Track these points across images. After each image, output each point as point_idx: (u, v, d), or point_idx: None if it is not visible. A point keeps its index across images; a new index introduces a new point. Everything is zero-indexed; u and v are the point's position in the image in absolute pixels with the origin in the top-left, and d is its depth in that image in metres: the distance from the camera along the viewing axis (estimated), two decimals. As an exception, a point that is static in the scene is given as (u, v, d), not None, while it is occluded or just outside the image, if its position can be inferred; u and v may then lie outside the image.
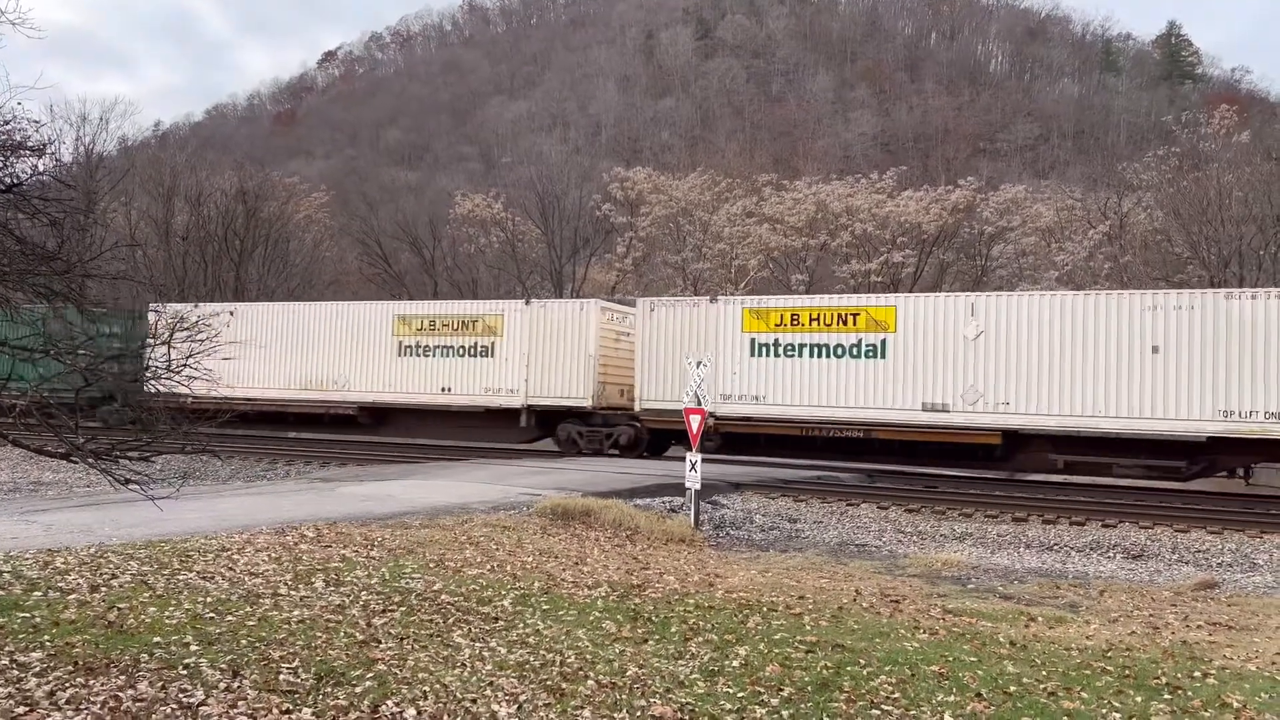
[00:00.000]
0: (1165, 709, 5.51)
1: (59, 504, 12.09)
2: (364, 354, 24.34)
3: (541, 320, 22.53)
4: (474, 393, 22.98)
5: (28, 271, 5.52)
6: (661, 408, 20.75)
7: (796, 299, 22.09)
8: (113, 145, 48.25)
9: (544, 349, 22.35)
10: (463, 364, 23.15)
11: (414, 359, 23.82)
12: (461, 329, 23.38)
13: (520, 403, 22.49)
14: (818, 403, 19.70)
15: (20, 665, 5.14)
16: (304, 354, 24.90)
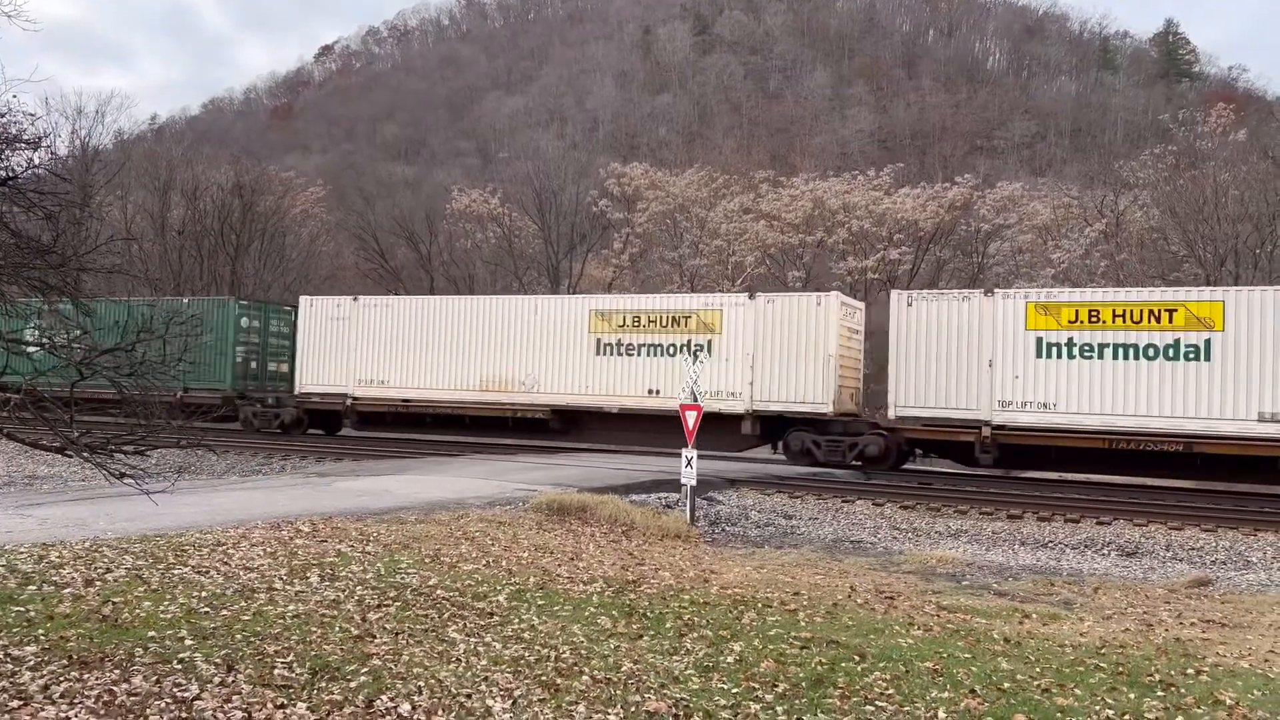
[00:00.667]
0: (1158, 706, 5.53)
1: (54, 498, 12.07)
2: (556, 352, 22.43)
3: (768, 316, 20.41)
4: None
5: (23, 265, 5.51)
6: (925, 415, 18.97)
7: (1093, 293, 20.23)
8: (108, 139, 48.20)
9: (772, 348, 20.28)
10: (674, 364, 20.75)
11: (615, 358, 21.84)
12: (672, 325, 21.35)
13: (744, 407, 20.34)
14: (1124, 411, 17.59)
15: (15, 659, 5.13)
16: (483, 351, 23.14)
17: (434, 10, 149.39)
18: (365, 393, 24.28)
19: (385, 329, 24.25)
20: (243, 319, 26.23)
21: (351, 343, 24.53)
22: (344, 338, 24.63)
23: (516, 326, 22.98)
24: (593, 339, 22.19)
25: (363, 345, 24.40)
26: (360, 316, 24.61)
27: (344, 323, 24.68)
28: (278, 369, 27.00)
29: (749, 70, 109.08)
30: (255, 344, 26.55)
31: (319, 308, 25.35)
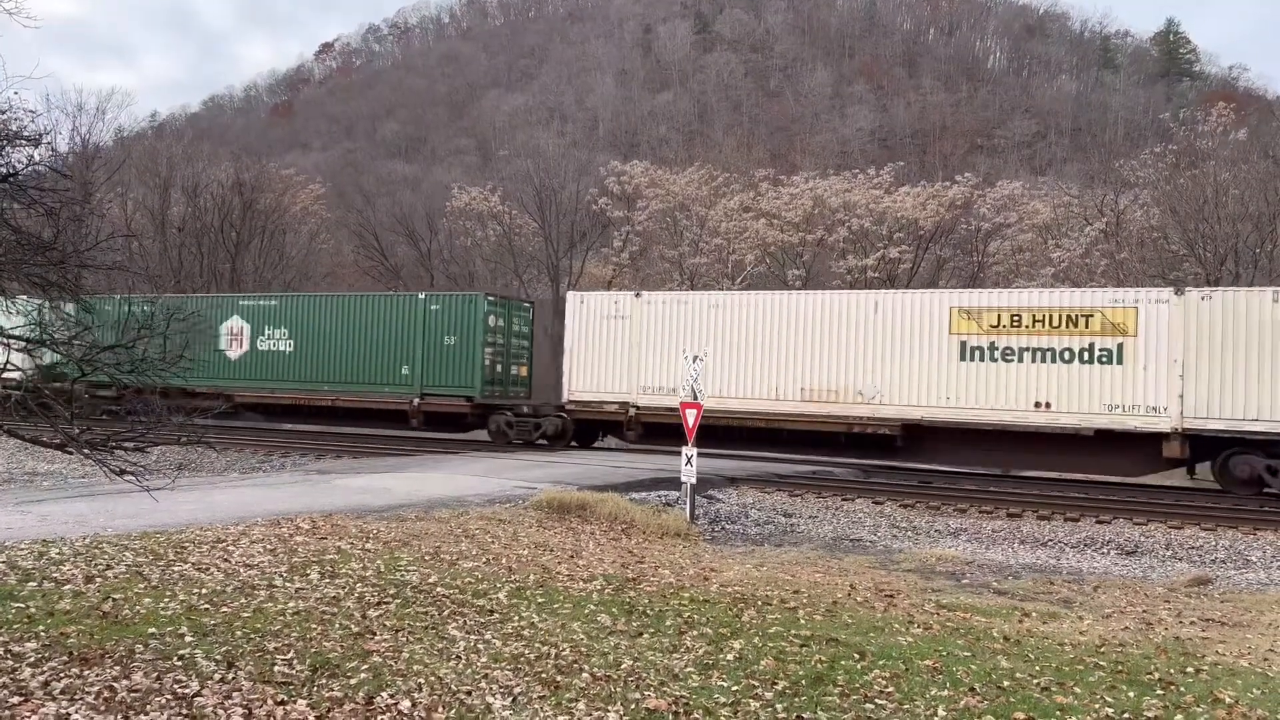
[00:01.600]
0: (1157, 704, 5.53)
1: (54, 495, 12.08)
2: (905, 357, 19.45)
3: (1205, 316, 17.29)
4: (1087, 410, 17.79)
5: (23, 262, 5.51)
6: None
7: None
8: (109, 136, 48.14)
9: (1212, 354, 17.16)
10: (1068, 372, 18.06)
11: (986, 364, 18.78)
12: (1067, 326, 18.22)
13: (1170, 425, 17.22)
14: None
15: (15, 655, 5.14)
16: (807, 355, 20.21)
17: (434, 8, 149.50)
18: (651, 401, 21.35)
19: (676, 328, 21.50)
20: (489, 317, 23.47)
21: (633, 344, 21.71)
22: (624, 338, 21.83)
23: (851, 326, 19.99)
24: (955, 341, 19.12)
25: (648, 347, 21.64)
26: (644, 314, 21.76)
27: (624, 321, 21.92)
28: (518, 373, 24.56)
29: (749, 68, 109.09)
30: (501, 345, 23.83)
31: (593, 305, 22.47)
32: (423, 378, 23.56)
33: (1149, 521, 14.39)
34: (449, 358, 23.28)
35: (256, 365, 25.65)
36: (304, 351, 25.10)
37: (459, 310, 23.45)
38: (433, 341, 23.43)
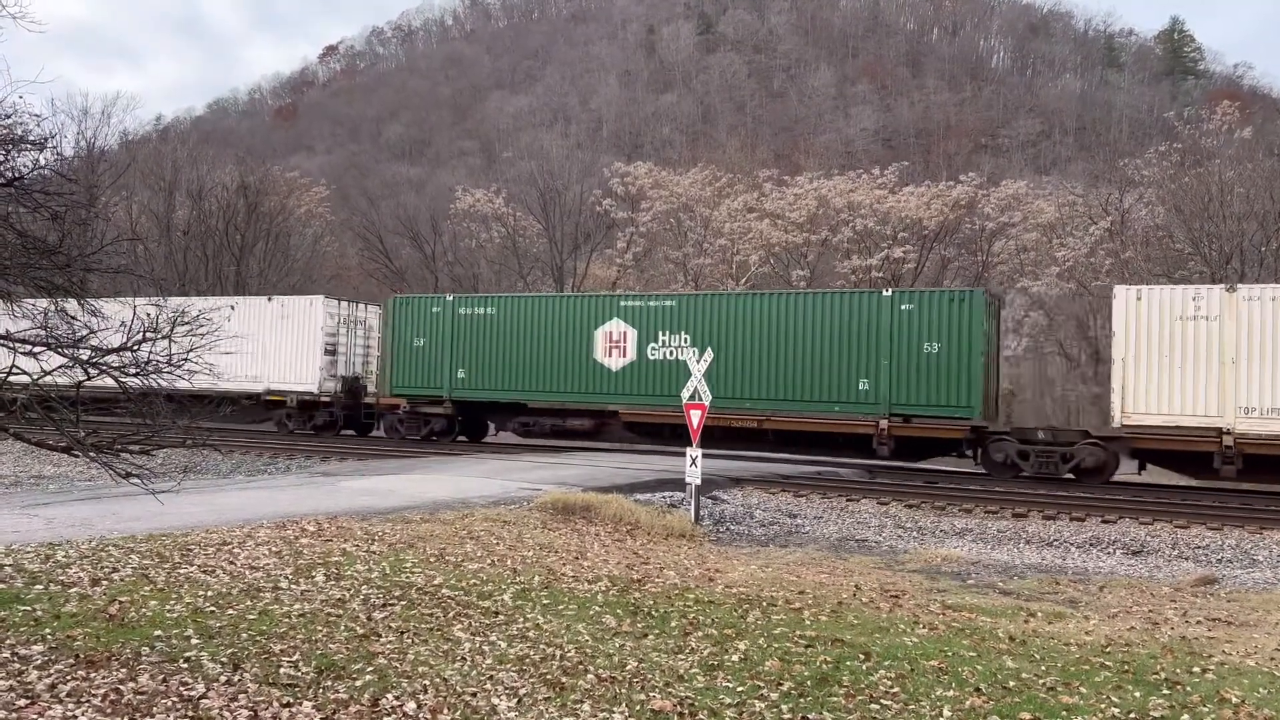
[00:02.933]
0: (1164, 704, 5.52)
1: (60, 498, 12.11)
2: None
3: None
4: None
5: (29, 266, 5.53)
6: None
7: None
8: (114, 139, 48.23)
9: None
10: None
11: None
12: None
13: None
14: None
15: (22, 658, 5.15)
16: None
17: (438, 10, 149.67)
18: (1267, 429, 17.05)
19: None
20: (982, 320, 19.13)
21: (1226, 351, 17.39)
22: (1206, 344, 17.49)
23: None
24: None
25: (1253, 355, 17.27)
26: (1246, 313, 17.40)
27: (1207, 323, 17.75)
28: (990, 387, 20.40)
29: (753, 69, 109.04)
30: (985, 352, 19.35)
31: (1155, 301, 18.01)
32: (891, 394, 19.50)
33: (1155, 521, 14.36)
34: (930, 369, 19.25)
35: (646, 378, 21.59)
36: (715, 361, 20.03)
37: (943, 310, 19.32)
38: (906, 349, 19.37)
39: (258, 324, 25.49)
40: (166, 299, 21.07)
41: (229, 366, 22.34)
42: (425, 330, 23.98)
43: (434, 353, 23.83)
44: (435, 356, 23.79)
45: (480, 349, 23.29)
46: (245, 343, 21.92)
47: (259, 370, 25.30)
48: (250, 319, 25.42)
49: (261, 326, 25.50)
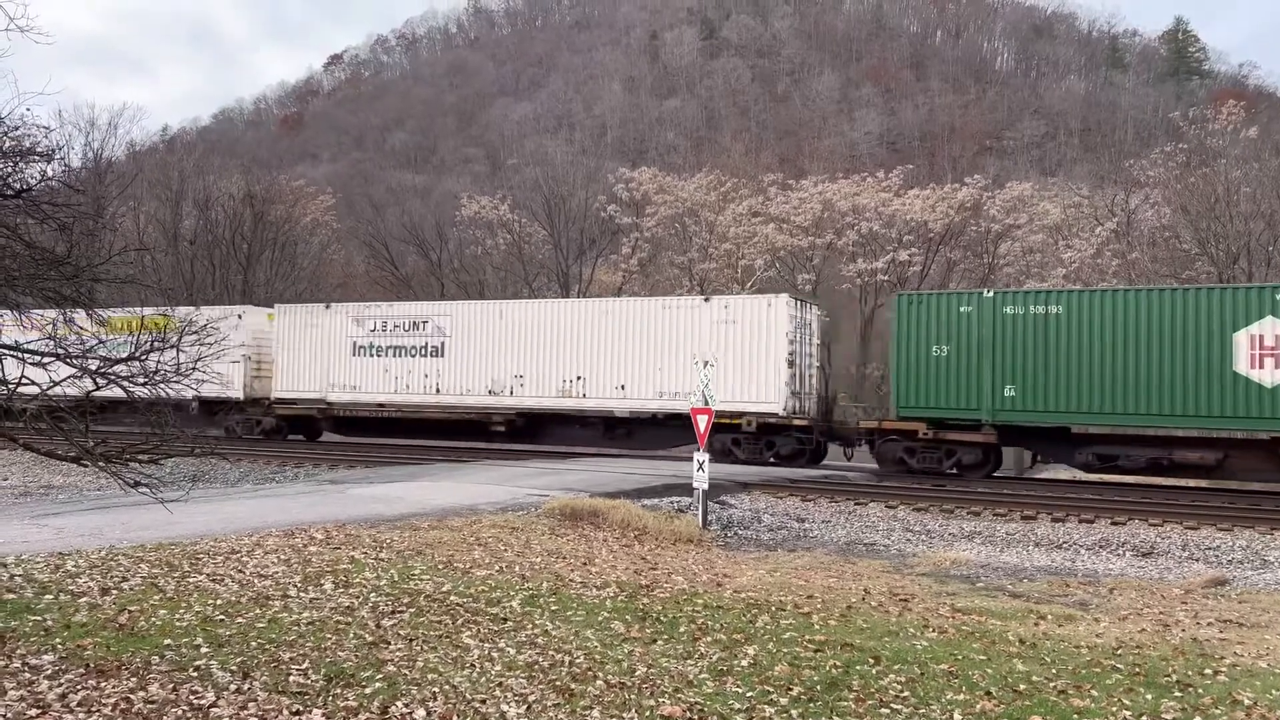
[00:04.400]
0: (1176, 706, 5.49)
1: (69, 507, 12.14)
2: None
3: None
4: None
5: (37, 276, 5.56)
6: None
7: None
8: (121, 150, 48.49)
9: None
10: None
11: None
12: None
13: None
14: None
15: (32, 668, 5.16)
16: None
17: (441, 18, 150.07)
18: None
19: None
20: None
21: None
22: None
23: None
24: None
25: None
26: None
27: None
28: None
29: (756, 74, 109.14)
30: None
31: None
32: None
33: (1165, 522, 14.30)
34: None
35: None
36: None
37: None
38: None
39: (688, 329, 21.73)
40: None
41: (658, 382, 21.74)
42: (949, 335, 19.33)
43: (963, 363, 19.18)
44: (965, 368, 19.16)
45: (1037, 358, 18.52)
46: (673, 353, 21.17)
47: (679, 385, 21.18)
48: (676, 324, 21.80)
49: (697, 333, 21.59)
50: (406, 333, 24.68)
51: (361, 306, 26.13)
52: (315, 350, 25.60)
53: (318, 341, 25.56)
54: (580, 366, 22.58)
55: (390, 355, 24.76)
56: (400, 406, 24.65)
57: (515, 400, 23.29)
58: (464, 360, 23.90)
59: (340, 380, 25.31)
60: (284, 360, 25.94)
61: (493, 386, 23.60)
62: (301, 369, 25.73)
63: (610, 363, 22.33)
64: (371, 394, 24.90)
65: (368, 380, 24.94)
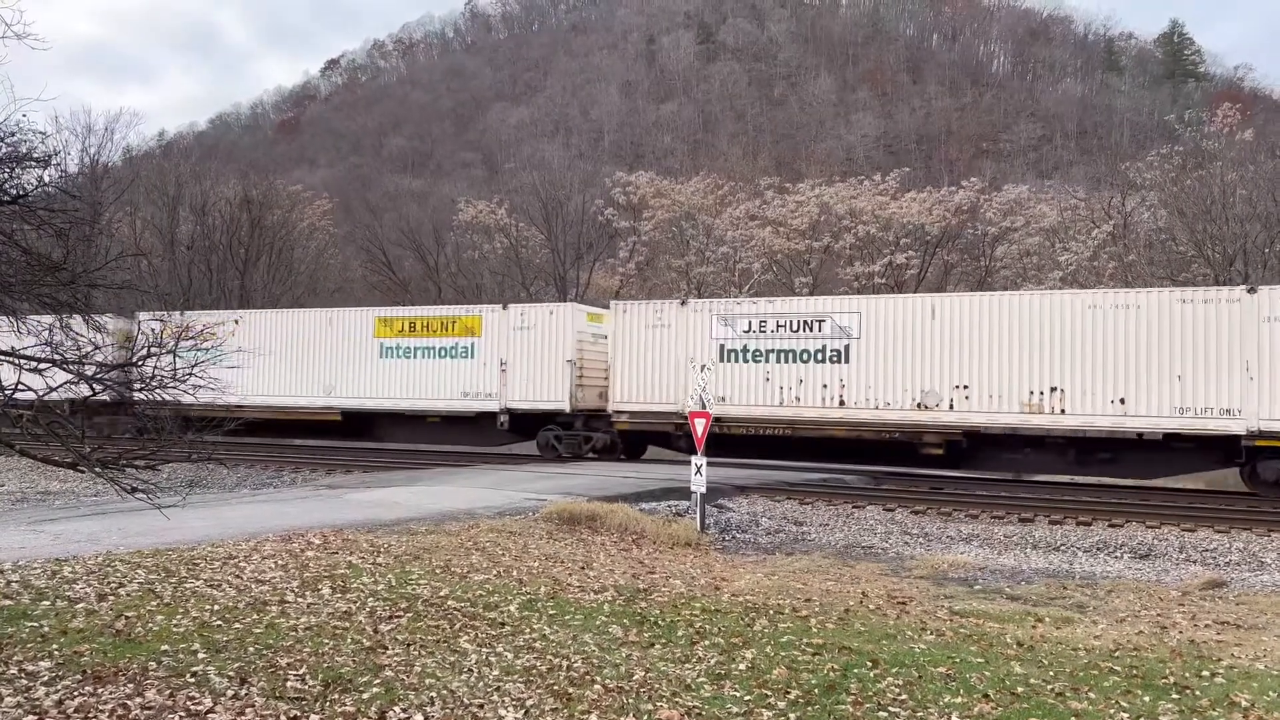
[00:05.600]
0: (1173, 709, 5.50)
1: (66, 513, 12.12)
2: None
3: None
4: None
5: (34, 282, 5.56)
6: None
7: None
8: (117, 155, 48.44)
9: None
10: None
11: None
12: None
13: None
14: None
15: (29, 674, 5.16)
16: None
17: (438, 23, 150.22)
18: None
19: None
20: None
21: None
22: None
23: None
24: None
25: None
26: None
27: None
28: None
29: (753, 77, 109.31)
30: None
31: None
32: None
33: (1162, 524, 14.31)
34: None
35: None
36: None
37: None
38: None
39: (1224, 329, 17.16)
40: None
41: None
42: None
43: None
44: None
45: None
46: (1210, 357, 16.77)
47: (1207, 397, 17.06)
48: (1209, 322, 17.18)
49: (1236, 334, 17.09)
50: (795, 333, 20.41)
51: (730, 303, 22.19)
52: (665, 354, 21.30)
53: (668, 344, 21.31)
54: (1056, 375, 18.17)
55: (773, 360, 20.39)
56: (789, 422, 20.26)
57: (958, 416, 18.94)
58: (878, 366, 19.67)
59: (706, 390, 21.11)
60: (623, 366, 21.57)
61: (923, 399, 19.33)
62: (646, 377, 21.45)
63: (1102, 369, 17.82)
64: (747, 406, 20.37)
65: (741, 390, 20.45)
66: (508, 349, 22.68)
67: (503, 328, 22.84)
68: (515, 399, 22.47)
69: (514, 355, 22.57)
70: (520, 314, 22.95)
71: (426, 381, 23.40)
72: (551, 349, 22.28)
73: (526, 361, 22.49)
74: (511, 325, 22.81)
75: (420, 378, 23.53)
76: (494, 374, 22.68)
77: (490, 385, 22.65)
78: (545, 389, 22.20)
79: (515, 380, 22.51)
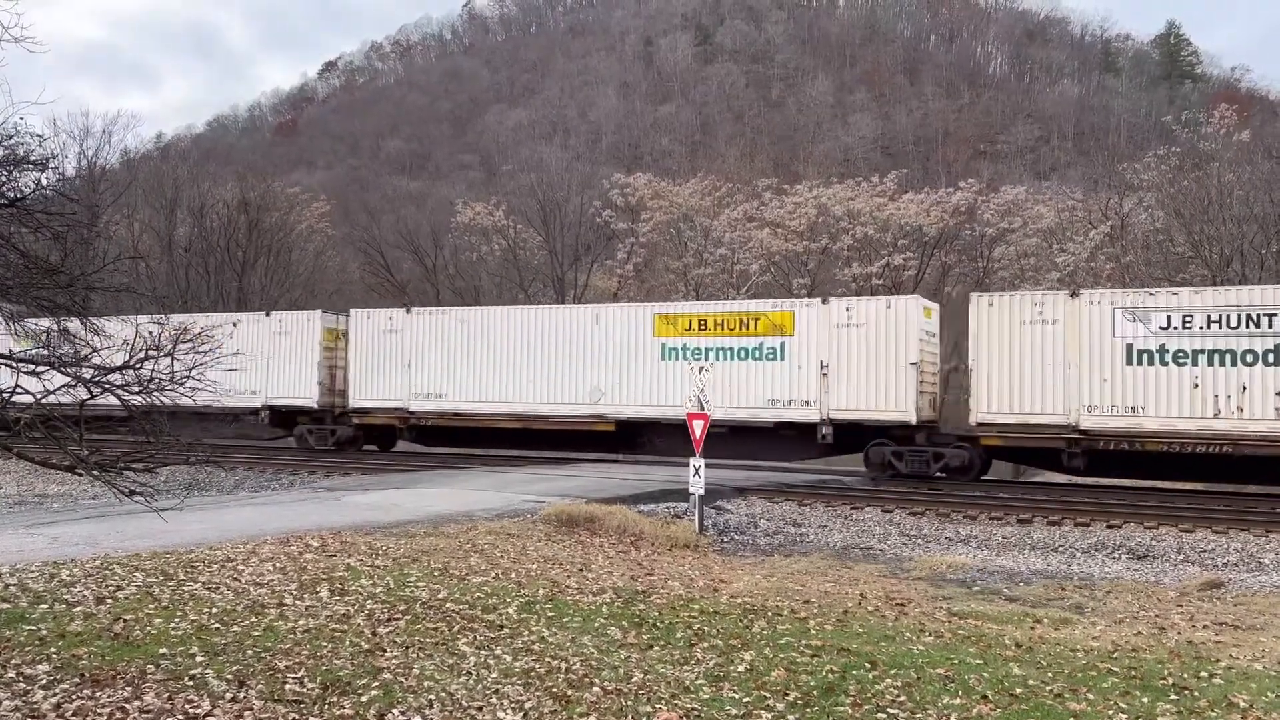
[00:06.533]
0: (1172, 709, 5.50)
1: (64, 516, 12.11)
2: None
3: None
4: None
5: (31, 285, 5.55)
6: None
7: None
8: (115, 158, 48.41)
9: None
10: None
11: None
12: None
13: None
14: None
15: (27, 678, 5.15)
16: None
17: (436, 25, 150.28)
18: None
19: None
20: None
21: None
22: None
23: None
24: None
25: None
26: None
27: None
28: None
29: (751, 79, 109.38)
30: None
31: None
32: None
33: (1160, 525, 14.32)
34: None
35: None
36: None
37: None
38: None
39: None
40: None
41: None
42: None
43: None
44: None
45: None
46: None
47: None
48: None
49: None
50: (1233, 331, 17.14)
51: (1140, 294, 18.27)
52: (1048, 355, 18.09)
53: (1052, 343, 18.13)
54: None
55: (1204, 363, 17.14)
56: (1230, 438, 16.76)
57: None
58: None
59: (1099, 399, 17.77)
60: (989, 369, 18.43)
61: None
62: (1018, 382, 18.29)
63: None
64: (1167, 419, 17.08)
65: (1158, 399, 17.22)
66: (829, 349, 19.41)
67: (822, 324, 19.58)
68: (839, 407, 19.25)
69: (837, 356, 19.33)
70: (846, 309, 19.74)
71: (719, 386, 19.75)
72: (888, 349, 19.04)
73: (854, 364, 19.28)
74: (834, 321, 19.50)
75: (711, 382, 19.68)
76: (811, 378, 19.45)
77: (806, 391, 19.45)
78: (880, 396, 18.95)
79: (839, 385, 19.27)
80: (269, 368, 24.81)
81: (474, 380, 22.69)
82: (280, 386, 25.02)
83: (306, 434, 25.27)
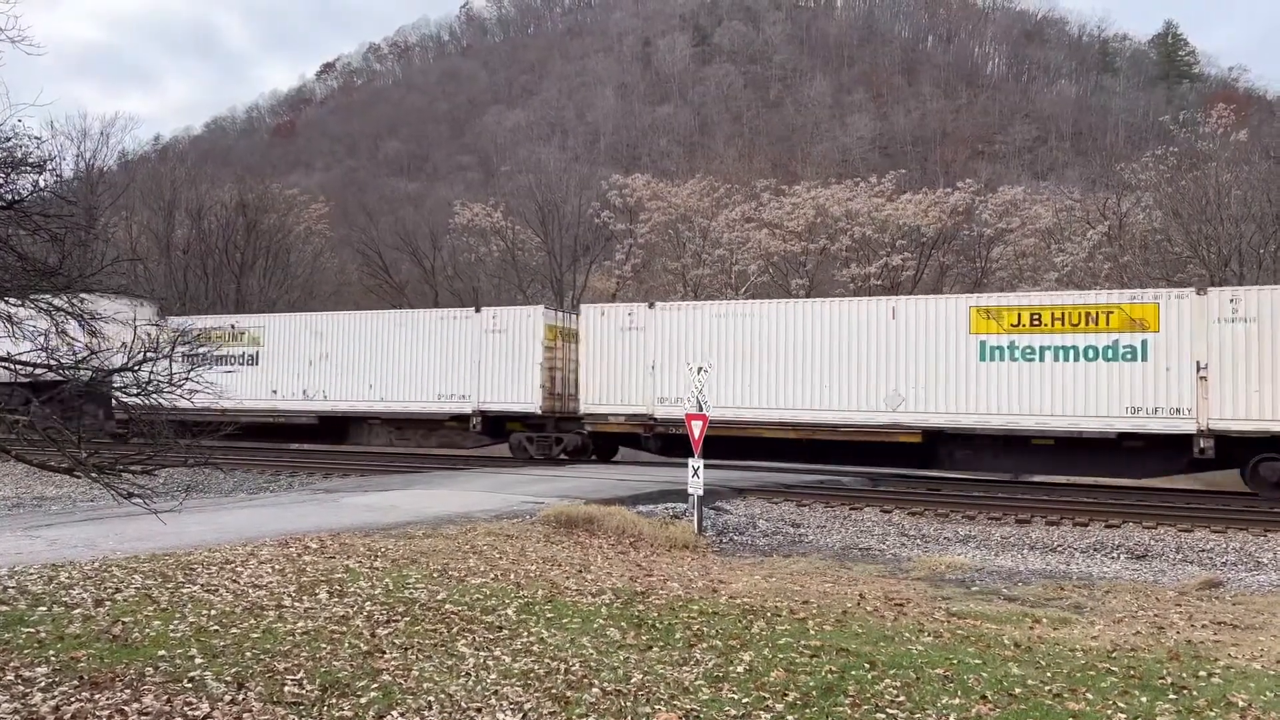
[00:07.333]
0: (1170, 709, 5.50)
1: (62, 519, 12.10)
2: None
3: None
4: None
5: (29, 287, 5.55)
6: None
7: None
8: (113, 160, 48.37)
9: None
10: None
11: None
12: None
13: None
14: None
15: (25, 680, 5.15)
16: None
17: (434, 26, 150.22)
18: None
19: None
20: None
21: None
22: None
23: None
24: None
25: None
26: None
27: None
28: None
29: (749, 80, 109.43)
30: None
31: None
32: None
33: (1159, 525, 14.33)
34: None
35: None
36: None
37: None
38: None
39: None
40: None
41: None
42: None
43: None
44: None
45: None
46: None
47: None
48: None
49: None
50: None
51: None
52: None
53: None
54: None
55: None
56: None
57: None
58: None
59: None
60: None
61: None
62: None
63: None
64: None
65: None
66: (1206, 348, 16.97)
67: (1196, 320, 17.08)
68: (1222, 416, 16.85)
69: (1218, 357, 16.90)
70: (1230, 300, 17.07)
71: (1052, 390, 17.90)
72: None
73: (1240, 365, 16.83)
74: (1213, 316, 16.99)
75: (1043, 386, 18.01)
76: (1183, 382, 17.06)
77: (1178, 397, 17.09)
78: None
79: (1222, 391, 16.87)
80: (480, 370, 22.73)
81: (735, 383, 19.99)
82: (493, 390, 22.59)
83: (525, 442, 22.99)
